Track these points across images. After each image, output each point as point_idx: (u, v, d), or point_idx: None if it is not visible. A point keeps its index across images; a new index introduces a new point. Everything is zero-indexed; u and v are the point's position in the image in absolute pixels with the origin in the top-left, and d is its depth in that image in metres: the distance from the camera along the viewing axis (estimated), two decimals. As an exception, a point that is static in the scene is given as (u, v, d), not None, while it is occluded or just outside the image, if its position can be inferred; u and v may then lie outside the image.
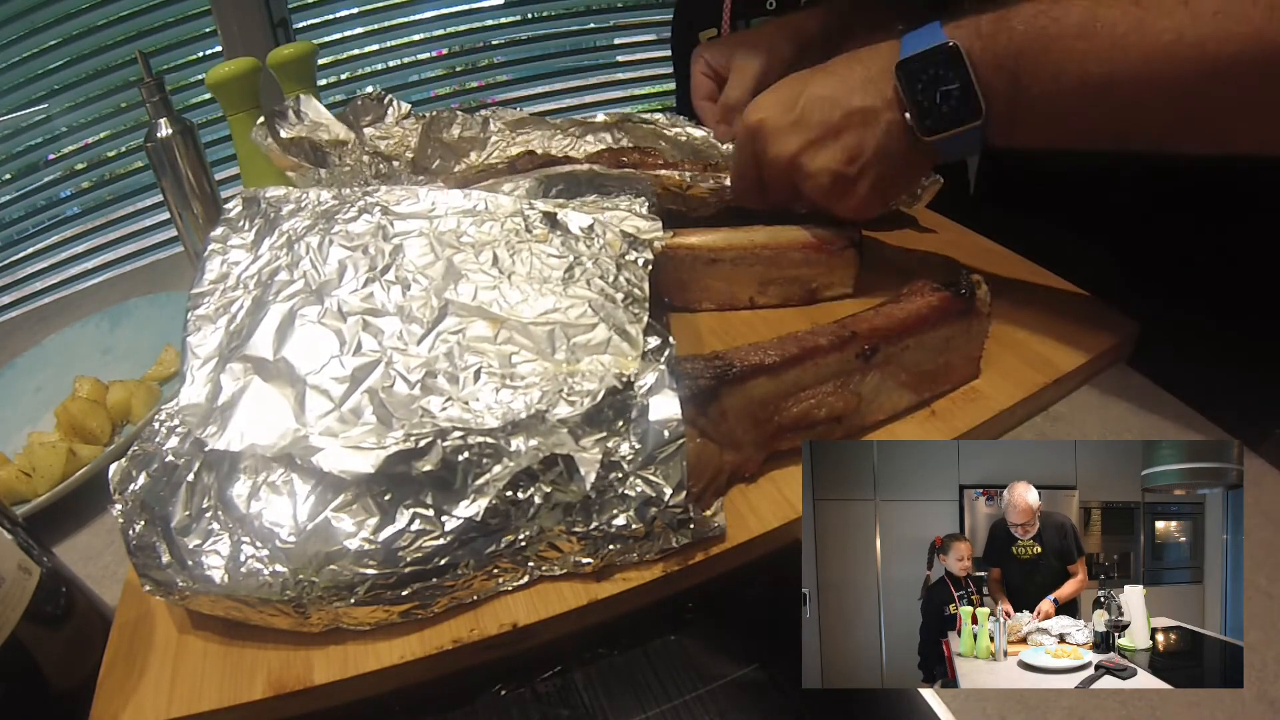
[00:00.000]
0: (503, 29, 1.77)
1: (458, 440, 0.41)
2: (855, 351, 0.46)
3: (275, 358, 0.46)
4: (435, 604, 0.41)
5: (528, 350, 0.46)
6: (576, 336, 0.46)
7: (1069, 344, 0.53)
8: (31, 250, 1.59)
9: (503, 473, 0.41)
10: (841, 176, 0.52)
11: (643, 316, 0.48)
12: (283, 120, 0.75)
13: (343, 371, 0.45)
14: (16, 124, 1.50)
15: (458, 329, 0.47)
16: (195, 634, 0.43)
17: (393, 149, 0.77)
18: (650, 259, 0.52)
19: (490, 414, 0.42)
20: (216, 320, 0.50)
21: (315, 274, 0.51)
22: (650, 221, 0.56)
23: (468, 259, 0.51)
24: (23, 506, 0.55)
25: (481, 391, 0.44)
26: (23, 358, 0.74)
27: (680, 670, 0.40)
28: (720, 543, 0.43)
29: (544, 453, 0.41)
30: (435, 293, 0.49)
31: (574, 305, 0.48)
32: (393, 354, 0.46)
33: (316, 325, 0.47)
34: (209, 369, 0.47)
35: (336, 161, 0.72)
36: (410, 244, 0.52)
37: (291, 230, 0.54)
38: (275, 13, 1.44)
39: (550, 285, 0.49)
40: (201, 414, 0.44)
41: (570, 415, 0.42)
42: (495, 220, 0.54)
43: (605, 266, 0.51)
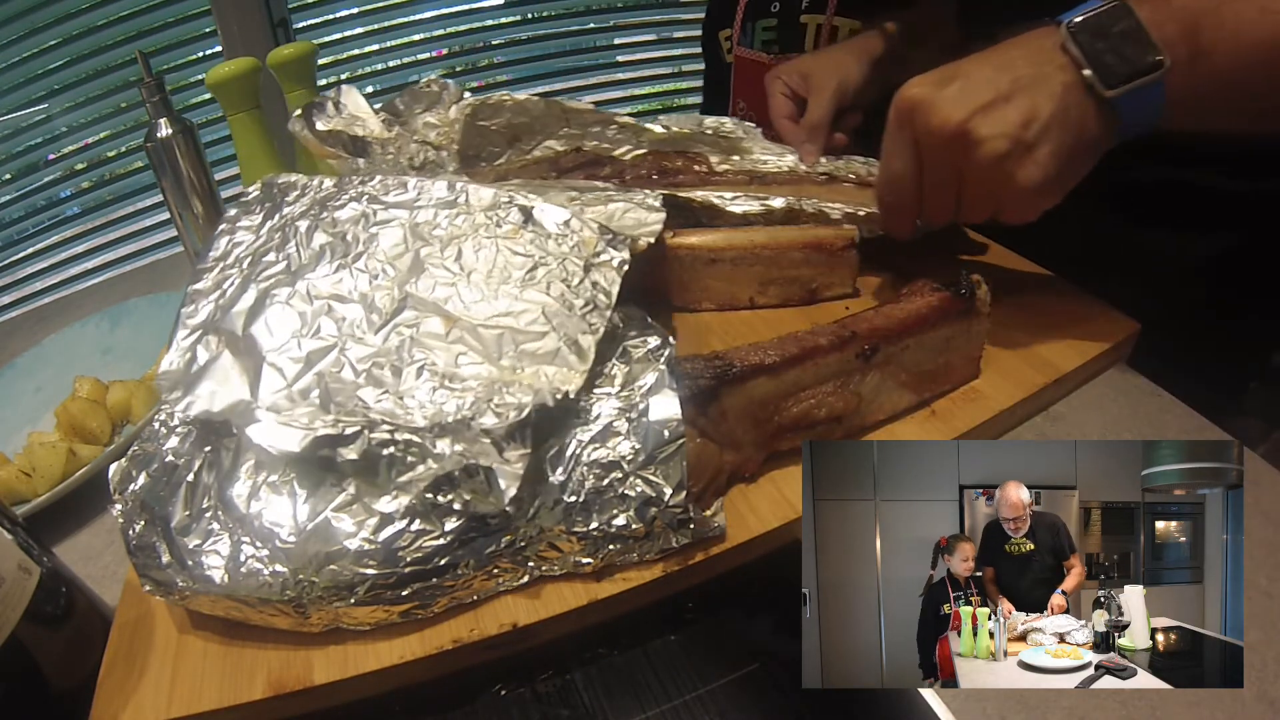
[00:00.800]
0: (503, 29, 1.77)
1: (384, 434, 0.41)
2: (855, 351, 0.46)
3: (243, 334, 0.47)
4: (435, 604, 0.41)
5: (475, 352, 0.45)
6: (525, 344, 0.45)
7: (1069, 344, 0.53)
8: (31, 250, 1.59)
9: (425, 473, 0.41)
10: (1019, 142, 0.46)
11: (599, 327, 0.46)
12: (321, 112, 0.74)
13: (299, 353, 0.46)
14: (16, 124, 1.50)
15: (413, 323, 0.47)
16: (195, 634, 0.43)
17: (441, 138, 0.76)
18: (627, 259, 0.49)
19: (420, 412, 0.42)
20: (209, 295, 0.51)
21: (297, 257, 0.51)
22: (654, 213, 0.55)
23: (433, 253, 0.51)
24: (23, 506, 0.55)
25: (419, 389, 0.43)
26: (23, 358, 0.74)
27: (680, 670, 0.40)
28: (720, 543, 0.43)
29: (467, 460, 0.40)
30: (398, 284, 0.49)
31: (528, 310, 0.47)
32: (348, 341, 0.46)
33: (285, 306, 0.48)
34: (192, 339, 0.48)
35: (378, 151, 0.70)
36: (386, 233, 0.52)
37: (290, 214, 0.55)
38: (275, 13, 1.44)
39: (509, 286, 0.48)
40: (174, 380, 0.46)
41: (494, 426, 0.41)
42: (470, 214, 0.53)
43: (571, 269, 0.49)
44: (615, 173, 0.70)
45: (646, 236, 0.52)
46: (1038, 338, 0.54)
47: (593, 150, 0.74)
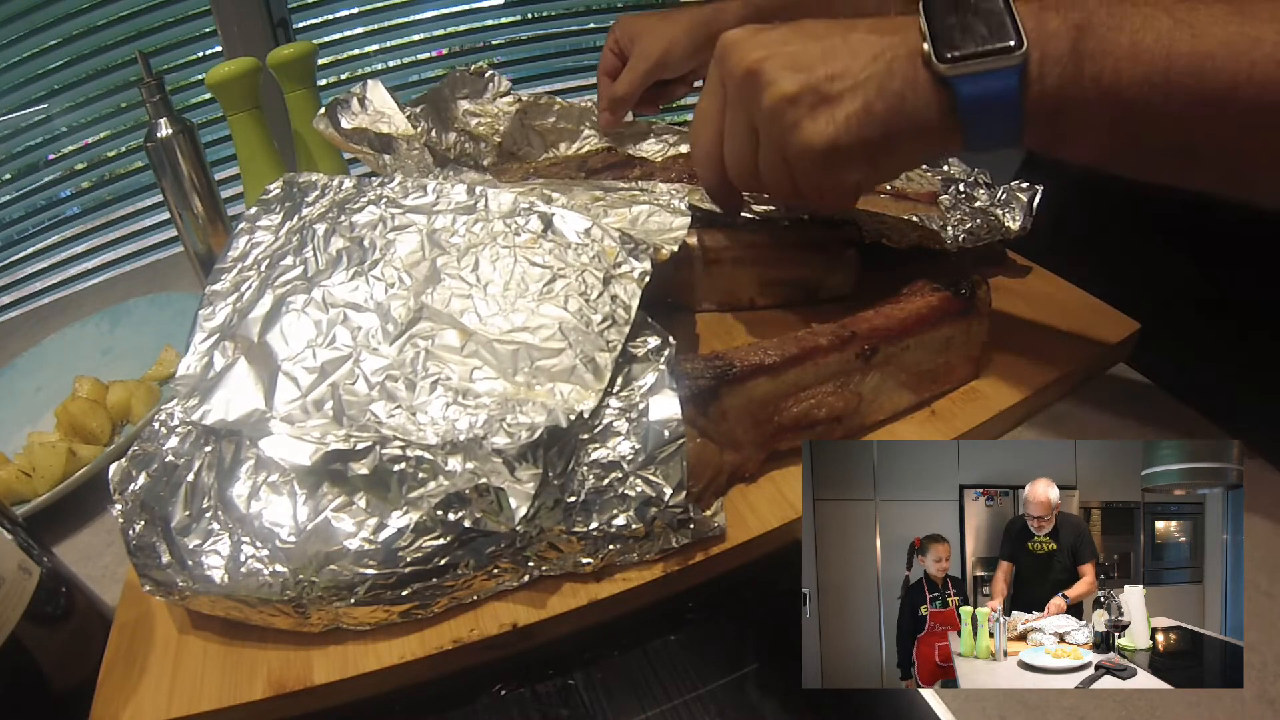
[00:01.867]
0: (503, 29, 1.77)
1: (396, 450, 0.41)
2: (855, 351, 0.46)
3: (259, 340, 0.47)
4: (435, 604, 0.41)
5: (490, 367, 0.44)
6: (540, 360, 0.44)
7: (1069, 344, 0.53)
8: (31, 250, 1.59)
9: (436, 490, 0.40)
10: (815, 91, 0.40)
11: (617, 344, 0.45)
12: (346, 109, 0.73)
13: (314, 362, 0.45)
14: (16, 124, 1.49)
15: (429, 335, 0.46)
16: (195, 634, 0.43)
17: (484, 129, 0.76)
18: (648, 270, 0.48)
19: (433, 429, 0.42)
20: (227, 297, 0.50)
21: (314, 262, 0.51)
22: (679, 217, 0.54)
23: (450, 262, 0.50)
24: (23, 506, 0.55)
25: (432, 404, 0.43)
26: (23, 358, 0.74)
27: (680, 670, 0.40)
28: (720, 543, 0.43)
29: (479, 479, 0.40)
30: (415, 294, 0.48)
31: (544, 325, 0.46)
32: (363, 352, 0.46)
33: (300, 314, 0.48)
34: (209, 344, 0.48)
35: (404, 148, 0.69)
36: (403, 240, 0.52)
37: (309, 216, 0.54)
38: (275, 13, 1.44)
39: (525, 300, 0.47)
40: (190, 385, 0.45)
41: (506, 446, 0.40)
42: (488, 221, 0.52)
43: (590, 281, 0.48)
44: (645, 174, 0.69)
45: (670, 244, 0.51)
46: (1038, 338, 0.54)
47: (623, 151, 0.73)
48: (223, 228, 0.78)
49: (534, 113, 0.78)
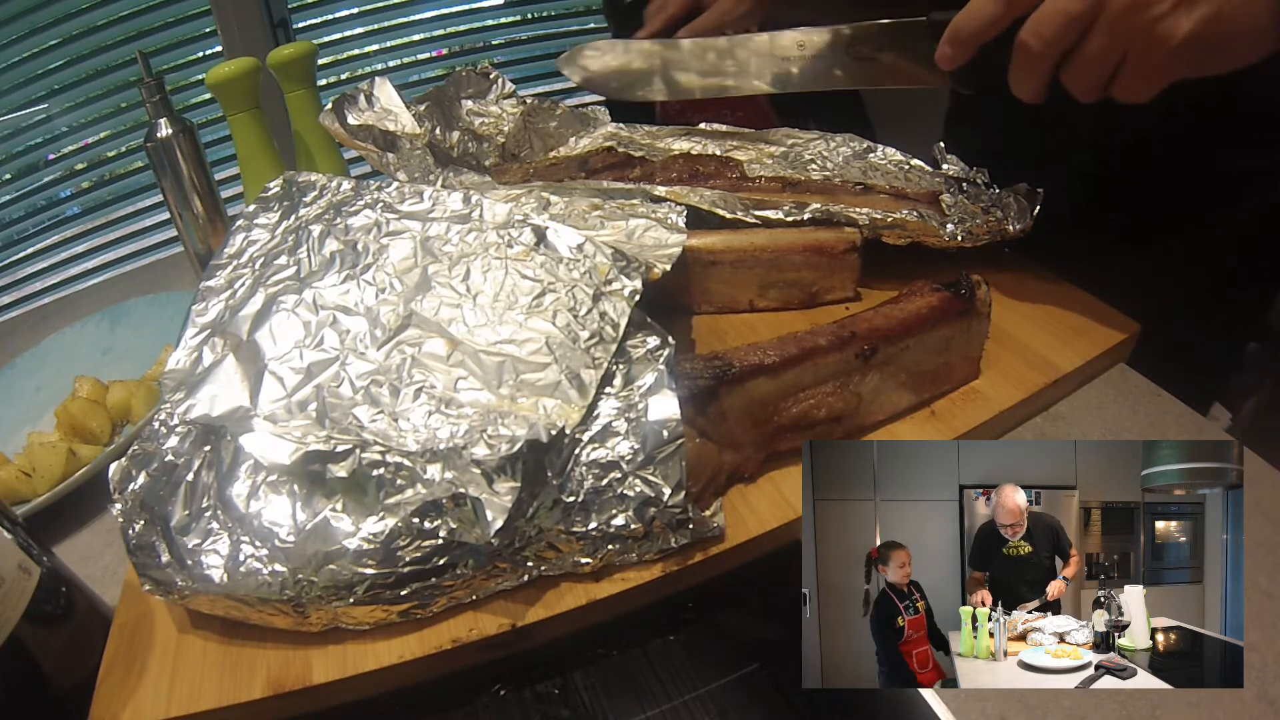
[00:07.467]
0: (503, 29, 1.77)
1: (376, 455, 0.41)
2: (855, 352, 0.46)
3: (248, 338, 0.47)
4: (434, 604, 0.41)
5: (475, 378, 0.44)
6: (525, 374, 0.44)
7: (1069, 344, 0.53)
8: (31, 250, 1.59)
9: (414, 497, 0.40)
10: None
11: (603, 362, 0.44)
12: (353, 105, 0.73)
13: (300, 363, 0.45)
14: (16, 124, 1.50)
15: (416, 342, 0.46)
16: (195, 634, 0.43)
17: (487, 129, 0.76)
18: (639, 289, 0.48)
19: (414, 436, 0.42)
20: (221, 293, 0.51)
21: (308, 263, 0.51)
22: (675, 234, 0.54)
23: (441, 270, 0.50)
24: (23, 506, 0.55)
25: (415, 412, 0.43)
26: (23, 358, 0.74)
27: (680, 670, 0.40)
28: (719, 543, 0.43)
29: (455, 488, 0.40)
30: (404, 300, 0.48)
31: (531, 339, 0.46)
32: (349, 355, 0.46)
33: (291, 313, 0.48)
34: (199, 340, 0.48)
35: (407, 147, 0.69)
36: (396, 245, 0.52)
37: (305, 216, 0.55)
38: (275, 13, 1.44)
39: (514, 313, 0.47)
40: (178, 379, 0.46)
41: (485, 458, 0.40)
42: (482, 231, 0.52)
43: (580, 297, 0.47)
44: (645, 174, 0.68)
45: (663, 262, 0.51)
46: (1038, 338, 0.54)
47: (624, 151, 0.73)
48: (222, 228, 0.78)
49: (538, 115, 0.78)
